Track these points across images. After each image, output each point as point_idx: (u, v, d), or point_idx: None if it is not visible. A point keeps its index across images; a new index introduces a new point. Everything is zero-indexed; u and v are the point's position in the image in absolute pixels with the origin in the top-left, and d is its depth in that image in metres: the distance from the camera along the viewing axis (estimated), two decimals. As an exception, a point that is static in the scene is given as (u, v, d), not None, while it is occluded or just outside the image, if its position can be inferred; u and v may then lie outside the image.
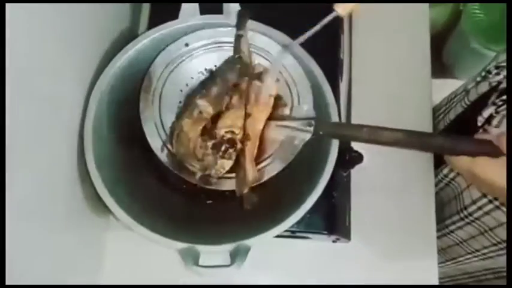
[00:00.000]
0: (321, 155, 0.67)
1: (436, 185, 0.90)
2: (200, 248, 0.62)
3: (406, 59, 0.97)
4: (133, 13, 0.85)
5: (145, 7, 0.87)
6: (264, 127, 0.69)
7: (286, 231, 0.63)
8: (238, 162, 0.66)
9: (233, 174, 0.66)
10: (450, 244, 0.91)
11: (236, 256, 0.61)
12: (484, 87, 0.78)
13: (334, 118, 0.70)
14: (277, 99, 0.70)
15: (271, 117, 0.69)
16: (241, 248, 0.61)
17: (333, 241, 0.77)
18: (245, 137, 0.67)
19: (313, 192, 0.63)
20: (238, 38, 0.71)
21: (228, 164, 0.65)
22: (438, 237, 0.86)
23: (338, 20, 0.83)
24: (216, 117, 0.68)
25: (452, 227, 0.87)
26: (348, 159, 0.71)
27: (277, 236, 0.63)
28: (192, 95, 0.70)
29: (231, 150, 0.65)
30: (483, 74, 0.80)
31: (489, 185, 0.58)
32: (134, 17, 0.85)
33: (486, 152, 0.58)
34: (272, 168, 0.67)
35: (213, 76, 0.71)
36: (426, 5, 1.02)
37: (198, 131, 0.66)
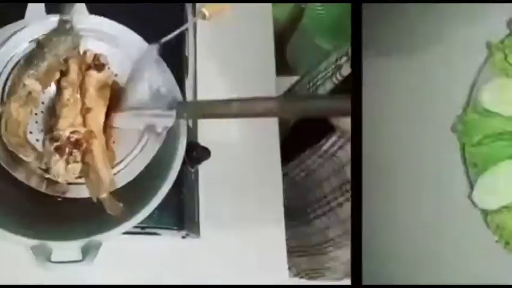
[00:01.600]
0: (168, 151, 0.70)
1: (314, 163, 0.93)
2: (51, 244, 0.63)
3: (251, 56, 1.02)
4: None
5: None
6: (110, 121, 0.65)
7: (135, 227, 0.66)
8: (88, 164, 0.62)
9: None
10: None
11: (87, 252, 0.64)
12: None
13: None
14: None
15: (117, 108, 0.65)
16: (93, 244, 0.64)
17: (183, 237, 0.79)
18: (89, 135, 0.63)
19: (160, 191, 0.66)
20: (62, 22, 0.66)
21: (77, 167, 0.62)
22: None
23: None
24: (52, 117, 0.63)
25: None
26: (195, 155, 0.74)
27: (128, 233, 0.66)
28: (17, 75, 0.63)
29: (75, 152, 0.61)
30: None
31: None
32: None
33: None
34: (135, 165, 0.66)
35: (40, 49, 0.64)
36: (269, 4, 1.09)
37: (27, 114, 0.61)
